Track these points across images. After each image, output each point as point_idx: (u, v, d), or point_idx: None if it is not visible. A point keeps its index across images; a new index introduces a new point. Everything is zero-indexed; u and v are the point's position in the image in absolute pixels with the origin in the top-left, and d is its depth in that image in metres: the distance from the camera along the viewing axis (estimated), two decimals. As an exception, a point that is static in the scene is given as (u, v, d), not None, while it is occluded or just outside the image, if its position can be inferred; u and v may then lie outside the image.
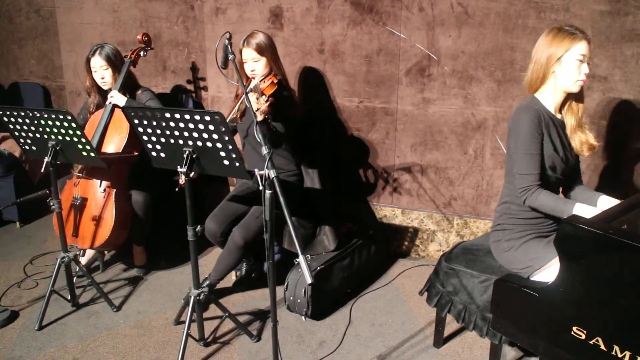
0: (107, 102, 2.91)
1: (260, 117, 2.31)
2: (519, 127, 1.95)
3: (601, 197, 2.06)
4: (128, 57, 2.97)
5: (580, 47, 1.89)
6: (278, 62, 2.66)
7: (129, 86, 2.99)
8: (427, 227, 3.24)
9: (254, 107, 2.27)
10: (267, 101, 2.29)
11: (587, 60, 1.92)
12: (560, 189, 2.18)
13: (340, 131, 3.26)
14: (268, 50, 2.57)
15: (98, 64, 2.90)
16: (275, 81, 2.50)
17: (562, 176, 2.06)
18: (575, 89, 1.95)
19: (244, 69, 2.61)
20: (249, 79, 2.62)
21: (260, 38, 2.56)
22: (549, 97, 2.01)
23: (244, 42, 2.56)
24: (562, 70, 1.93)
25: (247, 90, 2.14)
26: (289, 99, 2.64)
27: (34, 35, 4.09)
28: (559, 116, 2.05)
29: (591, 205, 1.96)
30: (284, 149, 2.73)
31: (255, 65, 2.57)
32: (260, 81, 2.52)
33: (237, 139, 2.70)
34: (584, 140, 2.03)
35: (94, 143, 2.79)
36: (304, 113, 2.78)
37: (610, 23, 2.59)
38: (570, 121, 2.03)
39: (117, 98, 2.87)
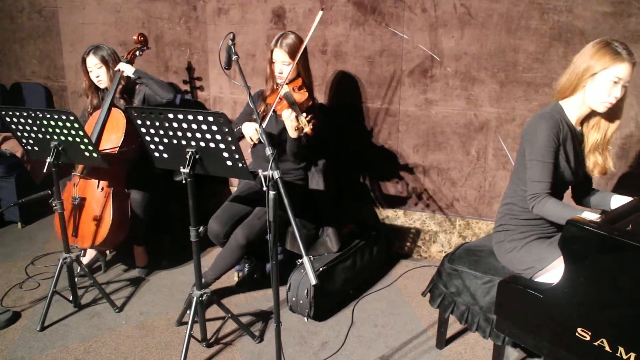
0: (115, 69, 2.94)
1: (294, 134, 2.27)
2: (537, 134, 1.91)
3: (613, 196, 2.05)
4: (124, 57, 2.99)
5: (619, 69, 1.79)
6: (307, 67, 2.60)
7: (128, 86, 3.00)
8: (429, 228, 3.24)
9: (293, 124, 2.23)
10: (310, 122, 2.22)
11: (624, 84, 1.82)
12: (571, 196, 2.20)
13: (343, 132, 3.26)
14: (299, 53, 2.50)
15: (93, 62, 2.93)
16: (306, 90, 2.43)
17: (568, 186, 2.07)
18: (601, 109, 1.88)
19: (273, 69, 2.57)
20: (275, 81, 2.59)
21: (293, 40, 2.50)
22: (575, 108, 1.96)
23: (276, 43, 2.51)
24: (593, 87, 1.85)
25: (249, 92, 2.12)
26: (317, 110, 2.60)
27: (36, 36, 4.09)
28: (578, 129, 2.01)
29: (605, 206, 1.98)
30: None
31: (284, 68, 2.51)
32: (288, 84, 2.45)
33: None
34: (599, 162, 1.99)
35: (92, 143, 2.80)
36: (322, 123, 2.75)
37: (613, 24, 2.58)
38: (593, 139, 1.97)
39: (126, 68, 2.91)
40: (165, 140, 2.10)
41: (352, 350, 2.40)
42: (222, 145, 1.98)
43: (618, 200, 2.03)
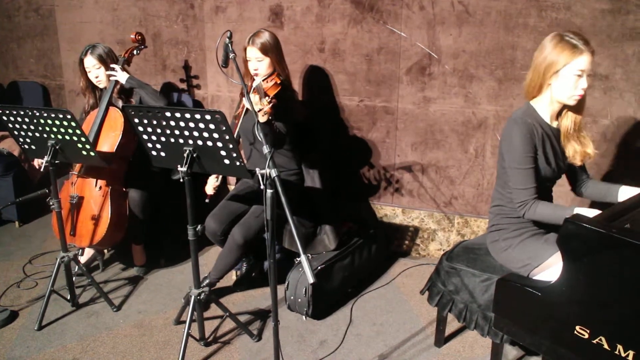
0: (109, 78, 2.93)
1: (263, 119, 2.28)
2: (512, 142, 1.93)
3: (622, 187, 2.02)
4: (122, 56, 2.99)
5: (580, 62, 1.82)
6: (282, 62, 2.64)
7: (126, 86, 2.99)
8: (427, 226, 3.23)
9: (257, 107, 2.25)
10: (270, 102, 2.27)
11: (588, 73, 1.86)
12: (570, 189, 2.22)
13: (341, 130, 3.26)
14: (273, 50, 2.54)
15: (91, 63, 2.93)
16: (279, 82, 2.48)
17: (553, 183, 2.09)
18: (570, 102, 1.91)
19: (248, 67, 2.60)
20: (252, 78, 2.61)
21: (265, 37, 2.54)
22: (546, 106, 1.98)
23: (249, 41, 2.54)
24: (559, 84, 1.88)
25: (247, 90, 2.12)
26: (292, 100, 2.62)
27: (33, 34, 4.08)
28: (554, 124, 2.02)
29: (612, 197, 1.99)
30: (286, 149, 2.72)
31: (258, 64, 2.55)
32: (263, 80, 2.50)
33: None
34: (578, 150, 1.99)
35: (89, 142, 2.79)
36: (307, 117, 2.76)
37: (611, 21, 2.58)
38: (564, 129, 1.99)
39: (119, 75, 2.90)
40: (163, 139, 2.10)
41: (351, 349, 2.39)
42: (219, 144, 1.98)
43: (627, 192, 1.99)
